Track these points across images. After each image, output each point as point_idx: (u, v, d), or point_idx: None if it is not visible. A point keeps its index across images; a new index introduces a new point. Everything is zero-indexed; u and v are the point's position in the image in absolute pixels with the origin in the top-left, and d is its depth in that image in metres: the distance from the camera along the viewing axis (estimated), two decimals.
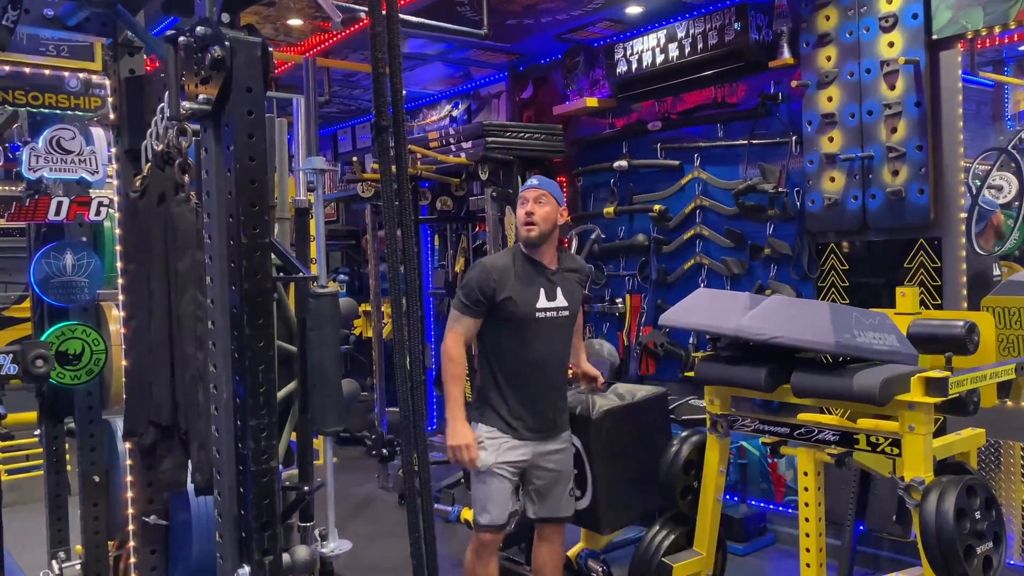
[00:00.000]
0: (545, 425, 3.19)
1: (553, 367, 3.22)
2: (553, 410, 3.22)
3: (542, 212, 3.11)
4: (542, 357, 3.16)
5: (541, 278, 3.16)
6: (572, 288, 3.24)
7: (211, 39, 1.64)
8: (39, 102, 2.77)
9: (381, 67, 1.87)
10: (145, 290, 2.18)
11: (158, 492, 2.42)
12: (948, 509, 2.51)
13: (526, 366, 3.15)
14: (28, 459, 5.72)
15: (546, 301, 3.15)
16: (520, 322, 3.11)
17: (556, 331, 3.20)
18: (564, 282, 3.22)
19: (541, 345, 3.15)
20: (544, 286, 3.15)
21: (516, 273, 3.12)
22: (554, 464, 3.22)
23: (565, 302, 3.19)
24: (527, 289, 3.12)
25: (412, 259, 2.09)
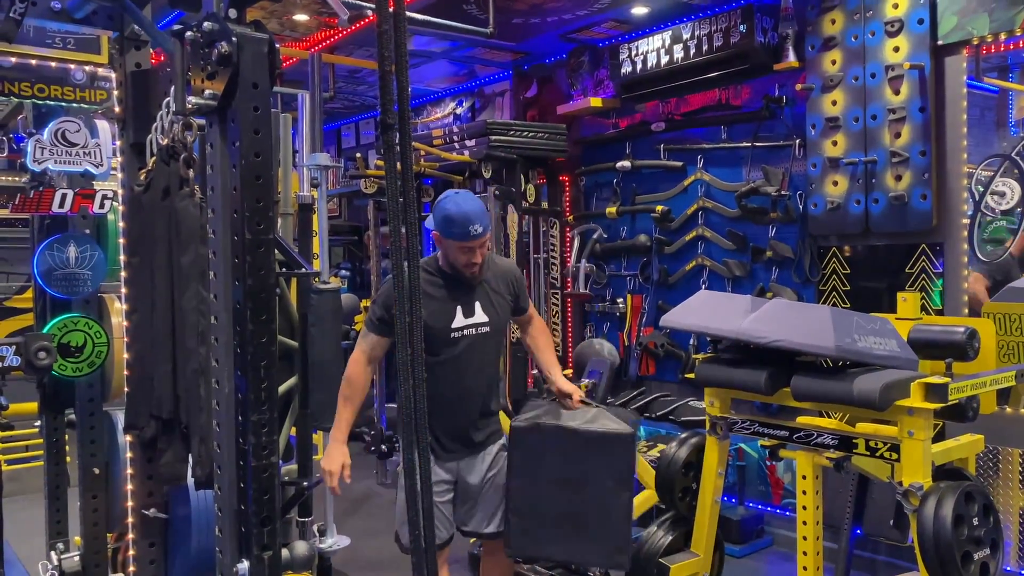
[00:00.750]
0: (464, 444, 3.03)
1: (474, 386, 2.99)
2: (473, 429, 3.03)
3: (485, 254, 2.91)
4: (460, 377, 2.94)
5: (458, 293, 2.94)
6: (494, 299, 3.00)
7: (218, 35, 1.65)
8: (45, 94, 2.78)
9: (387, 65, 1.87)
10: (148, 284, 2.19)
11: (158, 485, 2.42)
12: (946, 515, 2.51)
13: (445, 386, 2.90)
14: (28, 450, 5.73)
15: (463, 319, 2.93)
16: (434, 342, 2.87)
17: (477, 349, 2.96)
18: (485, 295, 2.99)
19: (461, 364, 2.93)
20: (461, 302, 2.94)
21: (430, 291, 2.89)
22: (479, 478, 3.06)
23: (485, 317, 2.97)
24: (441, 307, 2.91)
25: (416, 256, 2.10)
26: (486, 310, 2.98)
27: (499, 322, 3.03)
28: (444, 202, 2.84)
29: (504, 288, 3.04)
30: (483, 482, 3.06)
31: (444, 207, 2.82)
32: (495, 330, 3.02)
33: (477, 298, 2.97)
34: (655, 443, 4.74)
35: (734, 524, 4.51)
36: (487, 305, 2.99)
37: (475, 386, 3.00)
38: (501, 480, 3.07)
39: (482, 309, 2.97)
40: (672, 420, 5.13)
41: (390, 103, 1.89)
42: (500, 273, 3.05)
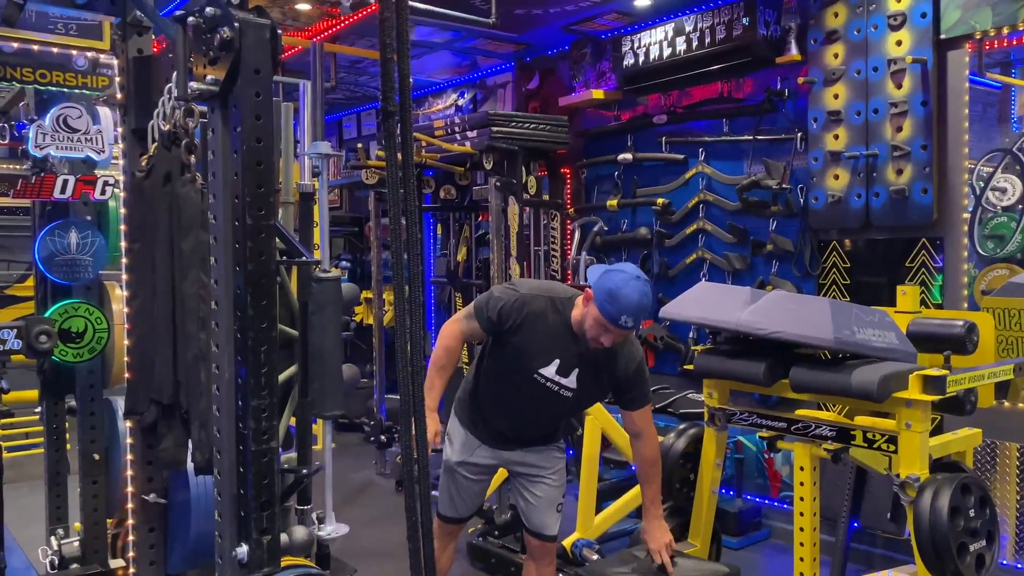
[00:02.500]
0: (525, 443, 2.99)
1: (532, 425, 2.95)
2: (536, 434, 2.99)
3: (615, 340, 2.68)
4: (520, 411, 2.91)
5: (566, 347, 2.76)
6: (595, 376, 2.80)
7: (220, 20, 1.65)
8: (46, 80, 2.78)
9: (389, 53, 1.87)
10: (149, 269, 2.19)
11: (158, 471, 2.43)
12: (942, 506, 2.52)
13: (503, 408, 2.93)
14: (28, 436, 5.75)
15: (554, 373, 2.77)
16: (516, 371, 2.81)
17: (551, 403, 2.83)
18: (588, 367, 2.78)
19: (528, 404, 2.86)
20: (563, 357, 2.76)
21: (547, 329, 2.75)
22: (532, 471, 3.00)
23: (575, 384, 2.79)
24: (545, 349, 2.76)
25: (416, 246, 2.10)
26: (580, 380, 2.80)
27: (583, 398, 2.88)
28: (618, 275, 2.63)
29: (609, 377, 2.81)
30: (533, 476, 3.00)
31: (615, 280, 2.61)
32: (575, 401, 2.86)
33: (580, 364, 2.78)
34: None
35: (732, 516, 4.52)
36: (585, 377, 2.80)
37: (531, 425, 2.96)
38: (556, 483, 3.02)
39: (577, 377, 2.80)
40: (671, 412, 5.12)
41: (392, 91, 1.90)
42: (618, 358, 2.79)
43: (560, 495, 3.04)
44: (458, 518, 3.09)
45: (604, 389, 2.88)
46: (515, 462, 3.01)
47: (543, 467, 3.00)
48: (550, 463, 3.01)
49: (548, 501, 3.01)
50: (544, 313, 2.74)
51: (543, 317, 2.74)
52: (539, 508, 3.01)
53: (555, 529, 3.05)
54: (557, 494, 3.03)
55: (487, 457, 3.01)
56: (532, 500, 3.02)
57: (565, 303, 2.77)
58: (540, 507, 3.01)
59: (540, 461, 3.00)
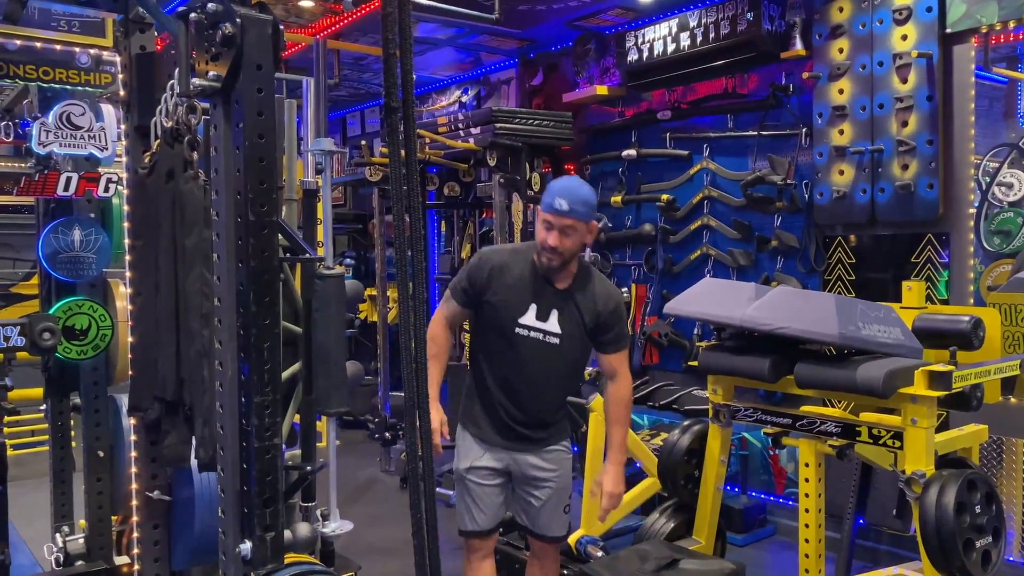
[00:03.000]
0: (528, 436, 2.84)
1: (531, 396, 2.79)
2: (525, 430, 2.83)
3: (568, 243, 2.65)
4: (517, 377, 2.77)
5: (539, 292, 2.73)
6: (574, 316, 2.74)
7: (222, 16, 1.65)
8: (50, 77, 2.78)
9: (392, 48, 1.87)
10: (152, 266, 2.19)
11: (161, 467, 2.43)
12: (948, 502, 2.51)
13: (499, 382, 2.81)
14: (33, 434, 5.76)
15: (534, 319, 2.72)
16: (500, 332, 2.75)
17: (542, 357, 2.75)
18: (566, 306, 2.74)
19: (520, 366, 2.75)
20: (539, 302, 2.73)
21: (514, 276, 2.74)
22: (540, 474, 2.87)
23: (557, 328, 2.72)
24: (517, 298, 2.73)
25: (419, 243, 2.10)
26: (562, 322, 2.73)
27: (570, 340, 2.75)
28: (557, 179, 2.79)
29: (588, 312, 2.74)
30: (541, 480, 2.87)
31: (553, 180, 2.77)
32: (565, 345, 2.74)
33: (556, 306, 2.73)
34: (658, 432, 4.74)
35: (736, 513, 4.51)
36: (565, 319, 2.73)
37: (533, 396, 2.79)
38: (563, 483, 2.90)
39: (557, 320, 2.72)
40: (675, 409, 5.13)
41: (395, 87, 1.89)
42: (593, 298, 2.76)
43: (567, 496, 2.94)
44: (480, 531, 2.88)
45: (587, 329, 2.77)
46: (525, 464, 2.85)
47: (551, 469, 2.87)
48: (558, 464, 2.89)
49: (555, 503, 2.90)
50: (507, 263, 2.76)
51: (507, 267, 2.75)
52: (546, 510, 2.90)
53: (563, 529, 2.97)
54: (564, 495, 2.93)
55: (496, 460, 2.86)
56: (537, 504, 2.89)
57: (527, 248, 2.80)
58: (547, 509, 2.90)
59: (549, 463, 2.87)
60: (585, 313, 2.74)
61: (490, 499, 2.87)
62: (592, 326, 2.76)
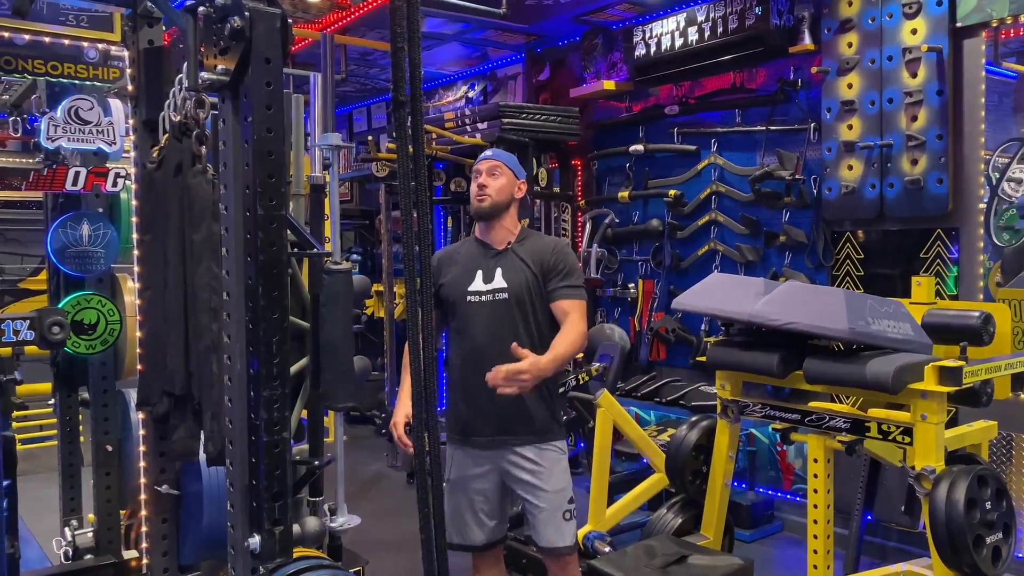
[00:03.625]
0: (502, 430, 2.72)
1: (495, 358, 2.58)
2: (500, 412, 2.70)
3: (496, 184, 2.78)
4: (479, 347, 2.71)
5: (482, 259, 2.80)
6: (517, 267, 2.74)
7: (231, 9, 1.64)
8: (58, 72, 2.78)
9: (400, 42, 1.86)
10: (160, 261, 2.19)
11: (170, 462, 2.43)
12: (958, 498, 2.50)
13: (465, 360, 2.76)
14: (42, 429, 5.78)
15: (481, 284, 2.76)
16: (453, 308, 2.78)
17: (495, 317, 2.72)
18: (509, 262, 2.76)
19: (478, 333, 2.72)
20: (483, 267, 2.78)
21: (459, 257, 2.84)
22: (527, 477, 2.72)
23: (504, 283, 2.73)
24: (463, 272, 2.79)
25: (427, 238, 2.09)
26: (506, 276, 2.75)
27: (519, 289, 2.72)
28: None
29: (532, 261, 2.75)
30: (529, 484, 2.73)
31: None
32: (515, 298, 2.72)
33: (500, 264, 2.77)
34: (665, 427, 4.73)
35: (744, 509, 4.50)
36: (509, 272, 2.75)
37: (494, 359, 2.59)
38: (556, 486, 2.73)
39: (502, 275, 2.75)
40: (683, 405, 5.12)
41: (402, 81, 1.89)
42: (535, 248, 2.79)
43: (564, 500, 2.75)
44: (457, 545, 2.79)
45: (534, 276, 2.73)
46: (509, 462, 2.73)
47: (541, 467, 2.71)
48: (548, 462, 2.73)
49: (552, 510, 2.72)
50: (453, 250, 2.92)
51: (454, 252, 2.90)
52: (543, 519, 2.73)
53: (568, 539, 2.75)
54: (561, 499, 2.74)
55: (477, 463, 2.76)
56: (532, 509, 2.75)
57: (469, 236, 2.95)
58: (544, 518, 2.73)
59: (538, 458, 2.72)
60: (530, 262, 2.76)
61: (464, 513, 2.79)
62: (539, 271, 2.74)
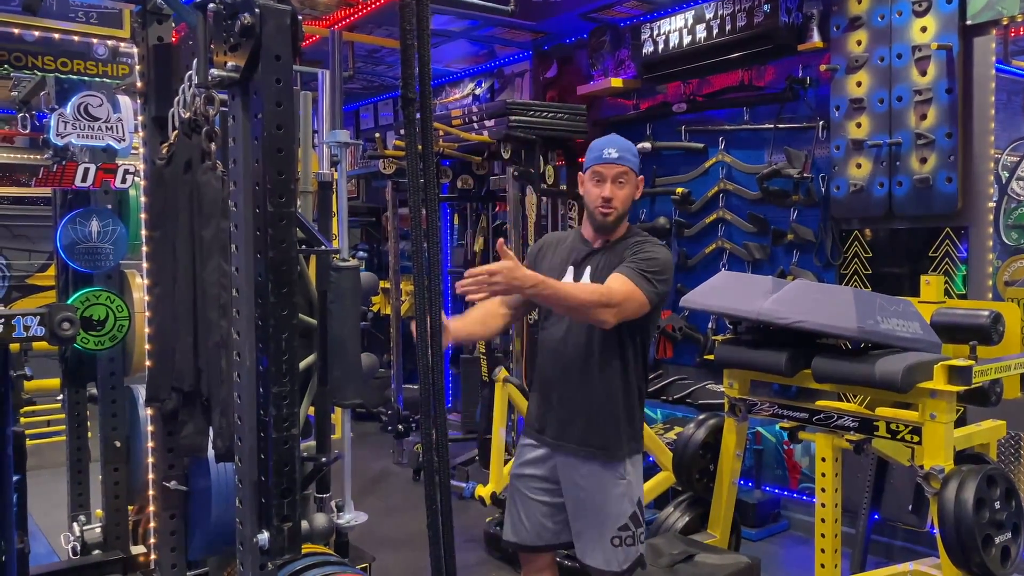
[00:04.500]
0: (564, 433, 2.53)
1: (575, 362, 2.49)
2: (575, 417, 2.51)
3: (622, 194, 2.48)
4: (555, 345, 2.54)
5: (578, 255, 2.57)
6: (607, 267, 2.48)
7: (241, 6, 1.64)
8: (67, 68, 2.78)
9: (410, 39, 1.86)
10: (169, 257, 2.19)
11: (178, 458, 2.44)
12: (967, 498, 2.50)
13: (544, 355, 2.59)
14: (50, 424, 5.80)
15: (571, 279, 2.55)
16: (541, 307, 2.60)
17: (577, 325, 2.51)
18: (601, 260, 2.52)
19: (557, 330, 2.53)
20: (576, 263, 2.56)
21: (558, 249, 2.63)
22: (580, 480, 2.51)
23: (588, 280, 2.51)
24: (559, 264, 2.58)
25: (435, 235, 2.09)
26: (593, 276, 2.49)
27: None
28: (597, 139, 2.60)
29: (619, 260, 2.47)
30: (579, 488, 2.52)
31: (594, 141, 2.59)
32: None
33: (591, 262, 2.52)
34: (672, 425, 4.73)
35: (751, 508, 4.50)
36: (596, 271, 2.49)
37: (581, 365, 2.49)
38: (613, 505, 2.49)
39: (590, 274, 2.51)
40: (689, 403, 5.12)
41: (412, 77, 1.89)
42: (625, 246, 2.51)
43: (614, 525, 2.46)
44: (521, 544, 2.61)
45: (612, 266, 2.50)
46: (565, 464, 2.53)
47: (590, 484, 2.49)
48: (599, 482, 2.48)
49: (596, 526, 2.48)
50: (561, 237, 2.69)
51: (560, 240, 2.67)
52: (585, 531, 2.51)
53: (614, 564, 2.47)
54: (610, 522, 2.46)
55: (541, 464, 2.58)
56: (574, 518, 2.54)
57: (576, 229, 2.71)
58: (587, 530, 2.51)
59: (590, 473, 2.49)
60: (618, 260, 2.47)
61: (534, 512, 2.60)
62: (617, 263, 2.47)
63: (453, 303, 7.10)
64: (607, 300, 2.33)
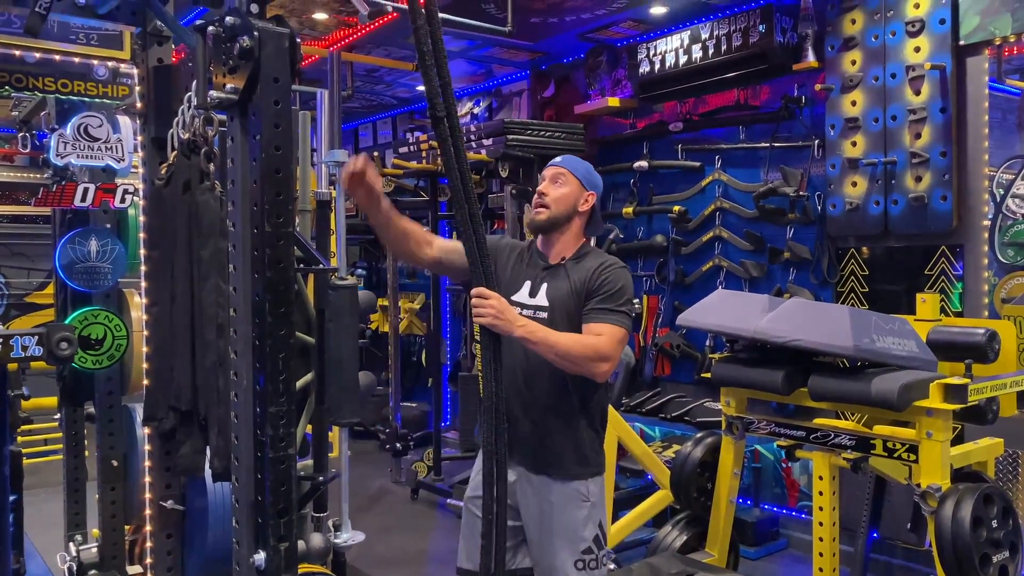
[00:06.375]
0: (521, 454, 2.41)
1: (529, 379, 2.40)
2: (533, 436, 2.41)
3: (557, 193, 2.47)
4: (514, 364, 2.39)
5: (534, 269, 2.50)
6: (565, 287, 2.43)
7: (240, 29, 1.66)
8: (68, 89, 2.81)
9: (428, 60, 1.89)
10: (168, 277, 2.20)
11: (175, 477, 2.44)
12: (964, 517, 2.49)
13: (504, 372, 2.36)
14: (47, 443, 5.79)
15: (527, 296, 2.46)
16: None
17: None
18: (558, 279, 2.45)
19: (514, 348, 2.35)
20: (532, 278, 2.49)
21: (511, 259, 2.55)
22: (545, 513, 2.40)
23: (546, 301, 2.42)
24: (515, 276, 2.50)
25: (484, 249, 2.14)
26: (550, 294, 2.44)
27: (560, 311, 2.40)
28: None
29: (579, 280, 2.41)
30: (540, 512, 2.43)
31: None
32: (552, 321, 2.38)
33: (548, 280, 2.46)
34: (670, 443, 4.72)
35: (749, 526, 4.48)
36: (553, 290, 2.44)
37: (534, 382, 2.41)
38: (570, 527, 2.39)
39: (547, 292, 2.44)
40: (687, 421, 5.11)
41: (437, 96, 1.92)
42: (585, 267, 2.44)
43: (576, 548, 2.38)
44: (475, 572, 2.38)
45: (575, 296, 2.41)
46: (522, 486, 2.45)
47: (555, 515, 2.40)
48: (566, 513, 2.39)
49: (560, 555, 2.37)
50: (510, 247, 2.59)
51: (510, 249, 2.58)
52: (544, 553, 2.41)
53: None
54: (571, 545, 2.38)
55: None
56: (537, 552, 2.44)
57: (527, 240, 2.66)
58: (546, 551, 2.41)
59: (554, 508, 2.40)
60: (576, 280, 2.42)
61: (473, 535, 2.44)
62: (581, 291, 2.40)
63: (452, 320, 7.10)
64: (602, 355, 2.30)
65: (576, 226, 2.52)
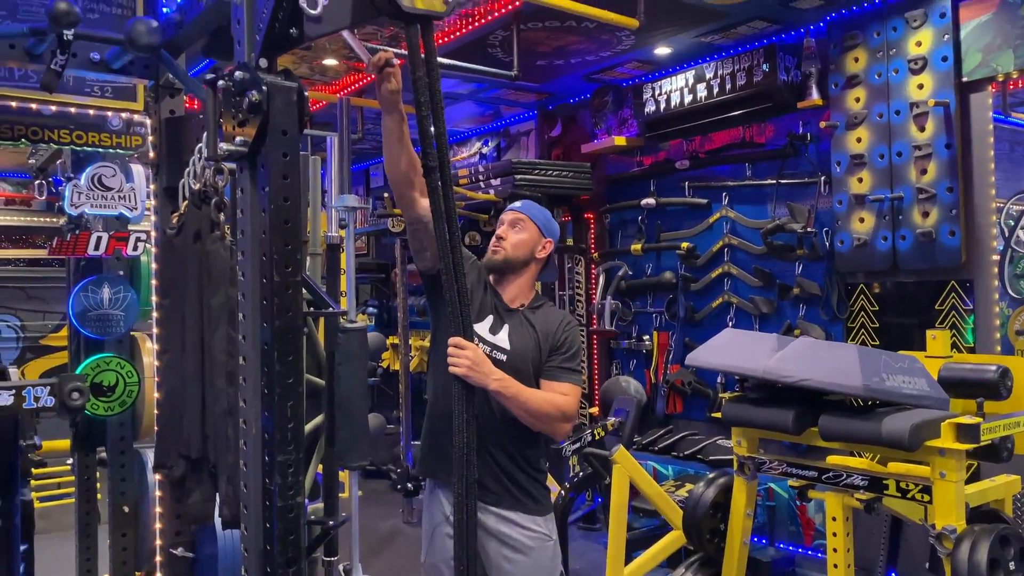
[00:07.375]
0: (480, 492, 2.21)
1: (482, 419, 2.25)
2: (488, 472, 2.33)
3: (516, 238, 2.49)
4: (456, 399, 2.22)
5: (494, 305, 2.48)
6: (528, 334, 2.42)
7: (249, 83, 1.70)
8: (83, 140, 2.87)
9: (425, 111, 1.93)
10: (179, 325, 2.23)
11: (186, 524, 2.44)
12: (980, 560, 2.46)
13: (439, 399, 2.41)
14: (60, 487, 5.79)
15: (487, 332, 2.41)
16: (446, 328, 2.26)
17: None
18: (519, 324, 2.44)
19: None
20: (495, 315, 2.46)
21: (473, 278, 2.48)
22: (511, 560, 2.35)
23: (507, 345, 2.39)
24: (477, 304, 2.44)
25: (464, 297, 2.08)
26: (512, 338, 2.41)
27: (522, 358, 2.38)
28: None
29: (542, 332, 2.43)
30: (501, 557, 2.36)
31: None
32: (512, 367, 2.34)
33: (509, 322, 2.44)
34: (683, 482, 4.68)
35: (764, 566, 4.42)
36: (516, 334, 2.42)
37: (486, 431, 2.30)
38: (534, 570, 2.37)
39: (508, 335, 2.42)
40: (700, 459, 5.07)
41: (431, 147, 1.95)
42: (547, 319, 2.47)
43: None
44: None
45: (539, 348, 2.41)
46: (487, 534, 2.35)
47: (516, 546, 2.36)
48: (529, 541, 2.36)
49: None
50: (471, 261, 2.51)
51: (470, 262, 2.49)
52: None
53: None
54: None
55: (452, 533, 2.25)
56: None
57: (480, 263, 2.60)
58: None
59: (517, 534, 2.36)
60: (539, 332, 2.43)
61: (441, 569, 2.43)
62: (545, 345, 2.42)
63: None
64: (567, 415, 2.37)
65: (531, 272, 2.54)
